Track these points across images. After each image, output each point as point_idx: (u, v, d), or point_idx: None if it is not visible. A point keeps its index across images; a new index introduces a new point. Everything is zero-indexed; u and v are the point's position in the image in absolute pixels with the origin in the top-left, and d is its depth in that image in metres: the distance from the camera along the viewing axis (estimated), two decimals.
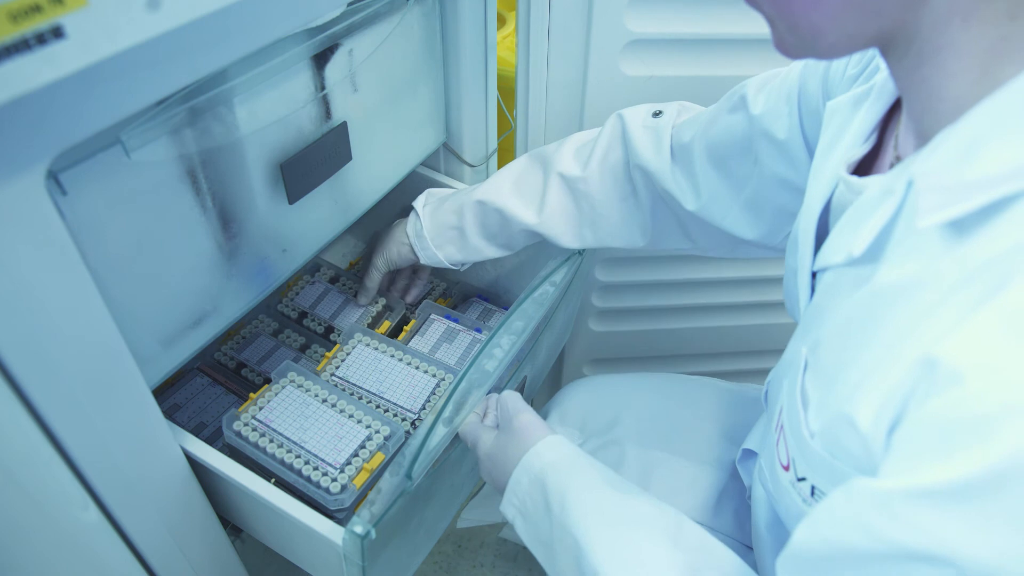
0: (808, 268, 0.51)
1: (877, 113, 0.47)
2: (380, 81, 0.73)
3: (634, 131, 0.72)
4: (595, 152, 0.74)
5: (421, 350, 0.82)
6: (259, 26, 0.47)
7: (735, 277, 1.07)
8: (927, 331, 0.32)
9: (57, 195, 0.43)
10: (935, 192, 0.33)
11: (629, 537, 0.51)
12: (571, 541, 0.52)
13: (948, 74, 0.35)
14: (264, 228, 0.64)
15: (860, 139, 0.48)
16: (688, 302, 1.11)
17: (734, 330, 1.15)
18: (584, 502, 0.53)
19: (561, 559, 0.53)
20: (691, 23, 0.80)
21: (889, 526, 0.31)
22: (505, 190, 0.77)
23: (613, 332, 1.16)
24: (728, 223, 0.69)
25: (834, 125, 0.52)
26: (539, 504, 0.56)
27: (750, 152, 0.65)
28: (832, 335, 0.43)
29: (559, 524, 0.53)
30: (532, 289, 0.74)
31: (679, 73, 0.82)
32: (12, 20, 0.30)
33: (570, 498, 0.54)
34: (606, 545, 0.50)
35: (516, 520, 0.59)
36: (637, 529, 0.51)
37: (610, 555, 0.50)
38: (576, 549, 0.51)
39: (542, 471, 0.57)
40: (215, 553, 0.66)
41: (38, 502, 0.46)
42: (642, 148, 0.71)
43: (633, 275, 1.07)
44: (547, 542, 0.55)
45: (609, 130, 0.74)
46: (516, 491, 0.58)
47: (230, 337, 0.86)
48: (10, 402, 0.41)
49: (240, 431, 0.64)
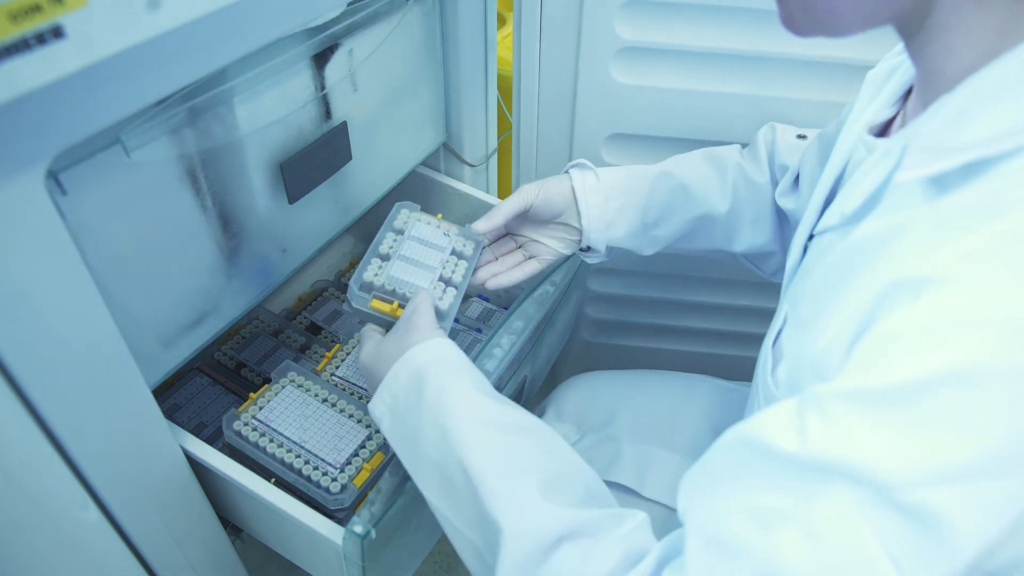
0: (808, 230, 0.52)
1: (905, 82, 0.49)
2: (380, 81, 0.73)
3: (782, 145, 0.73)
4: (763, 163, 0.74)
5: None
6: (259, 26, 0.47)
7: (727, 304, 1.06)
8: (896, 264, 0.33)
9: (57, 195, 0.43)
10: (921, 153, 0.35)
11: (501, 435, 0.49)
12: (439, 433, 0.49)
13: (952, 51, 0.36)
14: (264, 228, 0.64)
15: (889, 103, 0.49)
16: (680, 323, 1.11)
17: (724, 358, 1.15)
18: (461, 399, 0.51)
19: (425, 452, 0.50)
20: (682, 34, 0.79)
21: (819, 429, 0.31)
22: (690, 168, 0.73)
23: (606, 344, 1.16)
24: None
25: (868, 93, 0.53)
26: (412, 397, 0.53)
27: None
28: (811, 291, 0.43)
29: (430, 416, 0.50)
30: (532, 289, 0.74)
31: (671, 85, 0.82)
32: (12, 20, 0.30)
33: (448, 395, 0.51)
34: (478, 439, 0.48)
35: (384, 418, 0.55)
36: (511, 431, 0.50)
37: (479, 448, 0.48)
38: (444, 441, 0.49)
39: (425, 366, 0.53)
40: (215, 553, 0.66)
41: (38, 502, 0.46)
42: (789, 161, 0.72)
43: (625, 289, 1.07)
44: (413, 436, 0.52)
45: (765, 142, 0.75)
46: (391, 386, 0.54)
47: (230, 337, 0.86)
48: (10, 402, 0.41)
49: (240, 431, 0.64)
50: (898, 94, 0.49)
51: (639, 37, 0.80)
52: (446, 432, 0.49)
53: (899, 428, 0.29)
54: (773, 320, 0.51)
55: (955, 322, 0.29)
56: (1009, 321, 0.28)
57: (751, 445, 0.35)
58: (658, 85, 0.83)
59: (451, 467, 0.48)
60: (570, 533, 0.43)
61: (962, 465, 0.28)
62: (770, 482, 0.33)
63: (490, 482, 0.46)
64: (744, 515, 0.34)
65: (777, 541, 0.32)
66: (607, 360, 1.19)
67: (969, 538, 0.28)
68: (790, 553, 0.31)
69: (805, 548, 0.31)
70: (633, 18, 0.79)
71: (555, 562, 0.42)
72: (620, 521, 0.44)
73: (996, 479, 0.28)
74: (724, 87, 0.82)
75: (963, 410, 0.28)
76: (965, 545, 0.28)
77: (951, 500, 0.28)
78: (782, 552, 0.32)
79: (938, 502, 0.28)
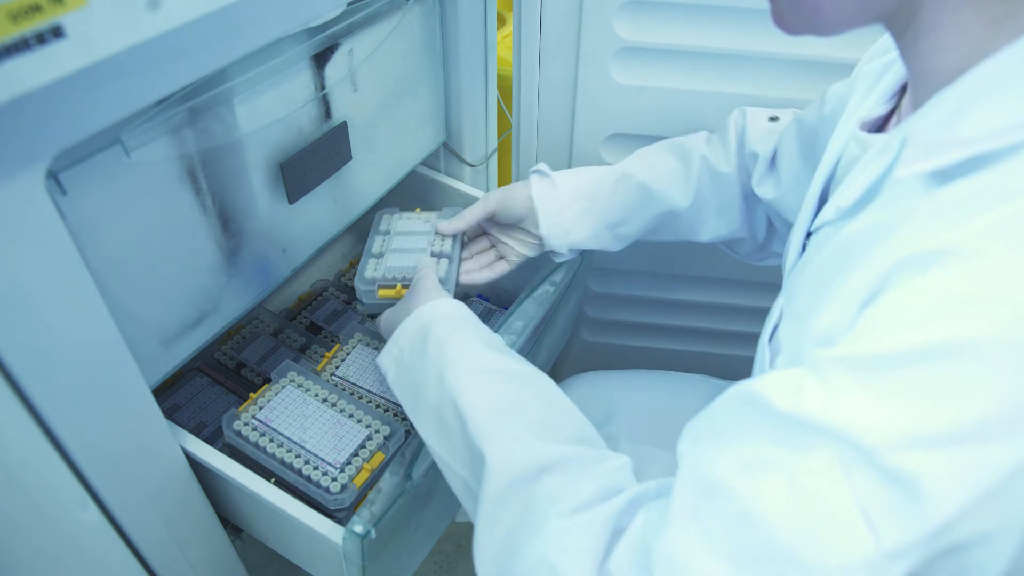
0: (805, 227, 0.52)
1: (899, 79, 0.49)
2: (380, 81, 0.73)
3: (752, 130, 0.74)
4: (732, 151, 0.75)
5: None
6: (259, 26, 0.47)
7: (727, 303, 1.06)
8: (901, 245, 0.33)
9: (57, 195, 0.43)
10: (921, 147, 0.35)
11: (497, 380, 0.52)
12: (437, 378, 0.52)
13: (942, 48, 0.36)
14: (264, 228, 0.64)
15: (880, 101, 0.49)
16: (682, 323, 1.11)
17: (724, 357, 1.15)
18: (461, 348, 0.54)
19: (425, 397, 0.54)
20: (682, 34, 0.80)
21: (814, 391, 0.32)
22: (651, 167, 0.74)
23: (606, 344, 1.16)
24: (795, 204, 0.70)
25: (862, 89, 0.54)
26: (416, 348, 0.57)
27: (820, 138, 0.67)
28: (807, 284, 0.44)
29: (431, 364, 0.54)
30: (532, 289, 0.74)
31: (670, 85, 0.83)
32: (12, 20, 0.30)
33: (449, 344, 0.54)
34: (472, 382, 0.51)
35: (389, 369, 0.59)
36: (507, 376, 0.52)
37: (473, 389, 0.50)
38: (440, 385, 0.52)
39: (431, 320, 0.58)
40: (215, 553, 0.66)
41: (38, 502, 0.46)
42: (759, 147, 0.72)
43: (625, 288, 1.07)
44: (415, 382, 0.55)
45: (735, 127, 0.75)
46: (399, 339, 0.59)
47: (230, 337, 0.86)
48: (10, 402, 0.41)
49: (240, 431, 0.64)
50: (892, 90, 0.49)
51: (638, 37, 0.80)
52: (443, 376, 0.52)
53: (888, 393, 0.30)
54: (769, 315, 0.51)
55: (963, 295, 0.29)
56: (1018, 298, 0.28)
57: (751, 400, 0.36)
58: (657, 85, 0.83)
59: (446, 408, 0.51)
60: (551, 466, 0.44)
61: (944, 431, 0.28)
62: (763, 435, 0.34)
63: (480, 419, 0.49)
64: (733, 461, 0.34)
65: (759, 488, 0.33)
66: (607, 360, 1.19)
67: (943, 503, 0.28)
68: (770, 500, 0.32)
69: (786, 497, 0.32)
70: (632, 18, 0.79)
71: (534, 490, 0.44)
72: (602, 459, 0.46)
73: (976, 447, 0.28)
74: (723, 87, 0.82)
75: (954, 379, 0.28)
76: (938, 509, 0.28)
77: (929, 464, 0.28)
78: (762, 498, 0.32)
79: (916, 466, 0.29)
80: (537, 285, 0.74)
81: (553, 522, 0.41)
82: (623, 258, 1.00)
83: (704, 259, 0.98)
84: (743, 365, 0.66)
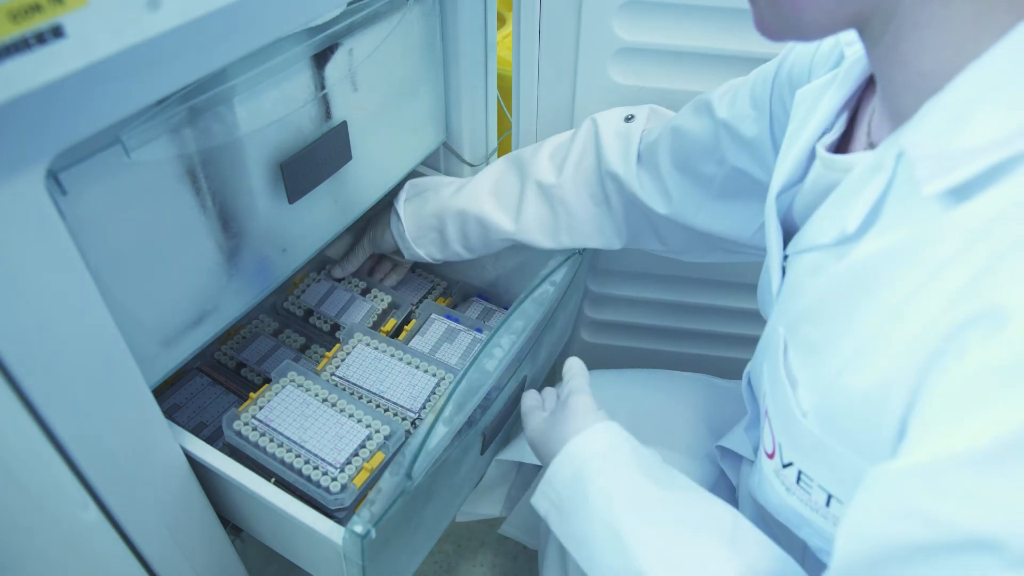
0: (778, 252, 0.51)
1: (843, 96, 0.48)
2: (380, 81, 0.73)
3: (606, 137, 0.74)
4: (569, 157, 0.76)
5: (421, 350, 0.82)
6: (259, 26, 0.47)
7: (725, 306, 1.06)
8: (941, 290, 0.31)
9: (57, 195, 0.43)
10: (931, 160, 0.33)
11: (680, 535, 0.47)
12: (613, 540, 0.48)
13: (927, 49, 0.35)
14: (264, 228, 0.64)
15: (826, 121, 0.48)
16: (678, 325, 1.10)
17: (722, 360, 1.15)
18: (630, 498, 0.50)
19: (600, 558, 0.49)
20: (681, 34, 0.79)
21: (941, 504, 0.28)
22: (483, 198, 0.79)
23: (605, 345, 1.16)
24: (700, 220, 0.71)
25: (801, 112, 0.53)
26: (577, 497, 0.52)
27: (715, 153, 0.67)
28: (812, 311, 0.42)
29: (600, 520, 0.50)
30: (532, 289, 0.74)
31: (669, 86, 0.83)
32: (12, 19, 0.30)
33: (617, 497, 0.50)
34: (654, 543, 0.47)
35: (550, 514, 0.55)
36: (688, 528, 0.48)
37: (659, 554, 0.46)
38: (620, 551, 0.47)
39: (586, 462, 0.53)
40: (215, 553, 0.66)
41: (38, 502, 0.46)
42: (612, 155, 0.73)
43: (624, 290, 1.06)
44: (583, 538, 0.51)
45: (583, 135, 0.76)
46: (553, 483, 0.55)
47: (230, 337, 0.86)
48: (10, 402, 0.41)
49: (240, 431, 0.64)
50: (836, 108, 0.48)
51: (638, 38, 0.80)
52: (622, 541, 0.47)
53: None
54: (764, 341, 0.50)
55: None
56: None
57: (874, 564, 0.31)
58: (656, 86, 0.83)
59: None
60: None
61: None
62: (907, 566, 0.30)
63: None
64: None
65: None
66: (606, 361, 1.18)
67: None
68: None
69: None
70: (632, 19, 0.79)
71: None
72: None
73: None
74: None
75: None
76: None
77: None
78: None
79: None
80: (537, 285, 0.74)
81: None
82: (623, 260, 1.00)
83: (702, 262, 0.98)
84: (742, 367, 0.65)
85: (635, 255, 0.98)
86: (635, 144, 0.72)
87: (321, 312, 0.89)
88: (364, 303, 0.89)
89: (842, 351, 0.38)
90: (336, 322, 0.88)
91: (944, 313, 0.31)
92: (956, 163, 0.32)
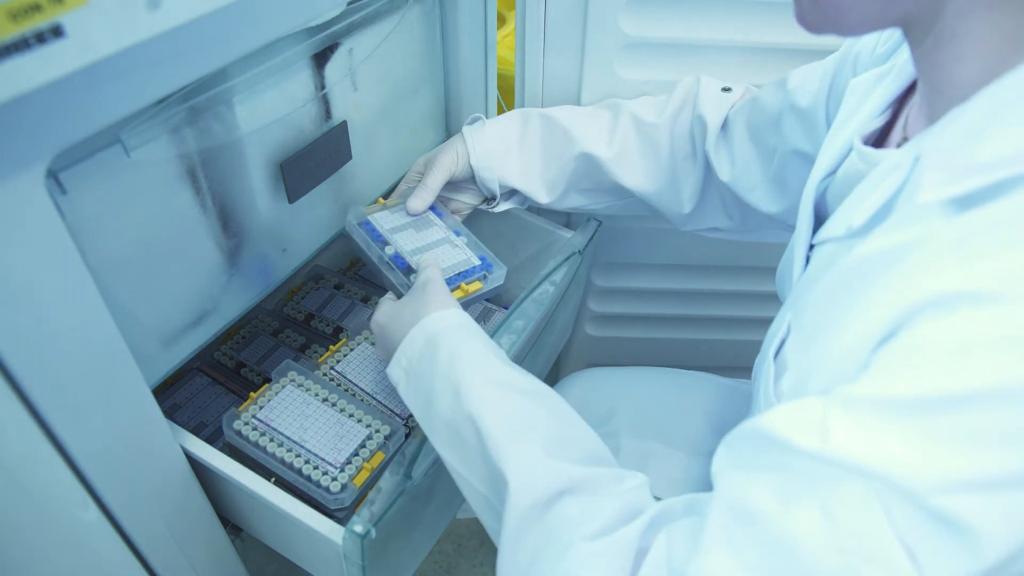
0: (806, 240, 0.52)
1: (894, 91, 0.48)
2: (380, 80, 0.73)
3: (704, 96, 0.75)
4: (669, 106, 0.76)
5: None
6: (259, 25, 0.47)
7: (732, 290, 1.07)
8: (923, 277, 0.33)
9: (57, 194, 0.43)
10: (940, 169, 0.34)
11: (510, 396, 0.51)
12: (452, 393, 0.52)
13: (962, 60, 0.36)
14: (264, 227, 0.64)
15: (875, 113, 0.49)
16: (684, 312, 1.11)
17: (730, 344, 1.15)
18: (473, 361, 0.53)
19: (439, 411, 0.53)
20: (687, 28, 0.80)
21: (845, 432, 0.32)
22: (574, 114, 0.77)
23: (610, 338, 1.16)
24: (755, 197, 0.71)
25: (853, 100, 0.53)
26: (426, 360, 0.56)
27: (779, 125, 0.68)
28: (816, 302, 0.43)
29: (443, 377, 0.53)
30: (532, 289, 0.74)
31: (675, 79, 0.83)
32: (12, 19, 0.30)
33: (460, 357, 0.54)
34: (488, 397, 0.51)
35: (400, 381, 0.58)
36: (520, 392, 0.52)
37: (489, 404, 0.50)
38: (456, 400, 0.51)
39: (439, 332, 0.56)
40: (215, 553, 0.66)
41: (38, 502, 0.46)
42: (707, 112, 0.73)
43: (629, 281, 1.07)
44: (427, 396, 0.54)
45: (684, 89, 0.76)
46: (407, 350, 0.57)
47: (230, 337, 0.86)
48: (10, 402, 0.41)
49: (240, 430, 0.64)
50: (887, 101, 0.49)
51: (644, 32, 0.80)
52: (458, 391, 0.51)
53: (931, 438, 0.30)
54: (773, 328, 0.51)
55: (999, 340, 0.28)
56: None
57: (770, 441, 0.35)
58: (663, 79, 0.83)
59: (462, 424, 0.51)
60: (571, 488, 0.45)
61: (995, 477, 0.28)
62: (792, 471, 0.34)
63: (498, 438, 0.48)
64: (766, 490, 0.34)
65: (795, 514, 0.33)
66: (610, 354, 1.19)
67: (994, 545, 0.28)
68: (807, 528, 0.32)
69: (821, 525, 0.32)
70: (638, 13, 0.79)
71: (556, 513, 0.44)
72: (620, 479, 0.46)
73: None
74: (730, 80, 0.82)
75: (1003, 425, 0.28)
76: (988, 551, 0.28)
77: (979, 509, 0.28)
78: (799, 526, 0.32)
79: (965, 510, 0.29)
80: (537, 285, 0.74)
81: (578, 546, 0.41)
82: (626, 251, 1.01)
83: (704, 247, 0.98)
84: (745, 352, 0.66)
85: (635, 244, 0.99)
86: (725, 109, 0.73)
87: (323, 316, 0.89)
88: (365, 309, 0.89)
89: (827, 338, 0.39)
90: (339, 325, 0.88)
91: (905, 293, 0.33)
92: (961, 175, 0.33)
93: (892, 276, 0.35)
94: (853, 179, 0.47)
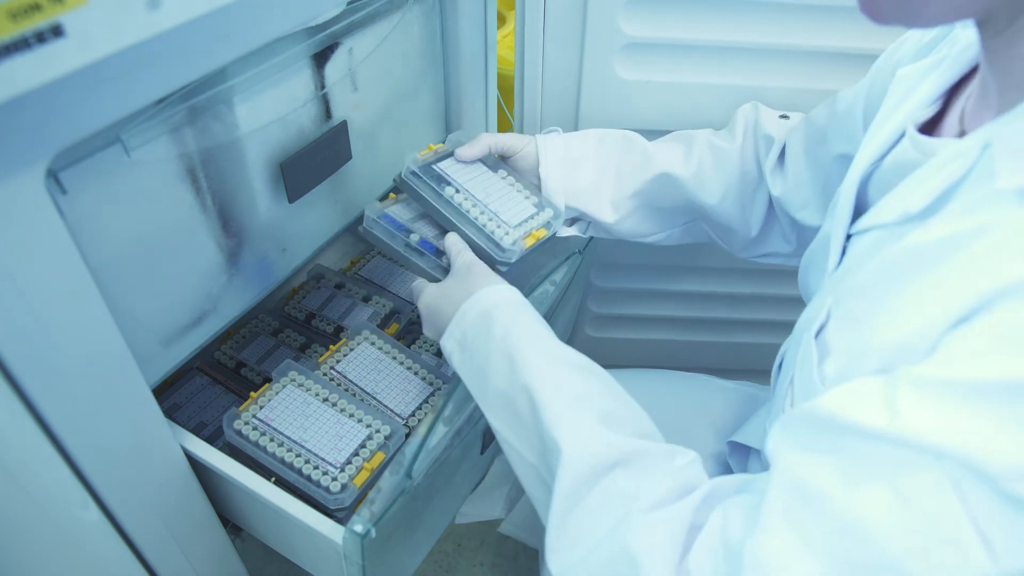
0: (844, 229, 0.51)
1: (948, 80, 0.48)
2: (380, 80, 0.73)
3: (765, 118, 0.75)
4: (735, 132, 0.76)
5: (424, 356, 0.82)
6: (259, 25, 0.47)
7: (732, 292, 1.07)
8: (1000, 264, 0.32)
9: (57, 194, 0.43)
10: (1015, 155, 0.34)
11: (565, 369, 0.52)
12: (507, 364, 0.53)
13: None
14: (264, 227, 0.64)
15: (926, 102, 0.48)
16: (684, 314, 1.11)
17: (731, 345, 1.15)
18: (528, 335, 0.54)
19: (493, 382, 0.54)
20: (686, 28, 0.80)
21: (917, 411, 0.31)
22: (647, 140, 0.78)
23: (609, 339, 1.16)
24: (806, 214, 0.71)
25: (900, 90, 0.53)
26: (480, 333, 0.56)
27: (826, 135, 0.68)
28: (862, 286, 0.42)
29: (498, 349, 0.54)
30: (532, 288, 0.74)
31: (675, 79, 0.83)
32: (12, 19, 0.30)
33: (515, 331, 0.54)
34: (543, 370, 0.51)
35: (454, 353, 0.59)
36: (574, 367, 0.53)
37: (544, 377, 0.51)
38: (511, 371, 0.52)
39: (493, 306, 0.57)
40: (215, 552, 0.66)
41: (38, 502, 0.46)
42: (771, 131, 0.74)
43: (629, 282, 1.07)
44: (481, 367, 0.55)
45: (744, 115, 0.77)
46: (460, 322, 0.58)
47: (230, 336, 0.86)
48: (10, 402, 0.41)
49: (241, 430, 0.64)
50: (940, 91, 0.48)
51: (643, 33, 0.80)
52: (513, 362, 0.52)
53: (1010, 422, 0.29)
54: (809, 313, 0.50)
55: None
56: None
57: (831, 420, 0.35)
58: (663, 80, 0.83)
59: (517, 394, 0.51)
60: (625, 460, 0.45)
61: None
62: (856, 451, 0.33)
63: (554, 407, 0.49)
64: (830, 470, 0.34)
65: (861, 495, 0.32)
66: (610, 355, 1.19)
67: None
68: (875, 509, 0.32)
69: (891, 507, 0.31)
70: (637, 13, 0.79)
71: (608, 484, 0.44)
72: (672, 455, 0.46)
73: None
74: (729, 81, 0.82)
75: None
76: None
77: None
78: (866, 507, 0.32)
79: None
80: (537, 285, 0.74)
81: (635, 517, 0.41)
82: (625, 251, 1.01)
83: (704, 249, 0.98)
84: (745, 353, 0.66)
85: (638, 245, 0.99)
86: (785, 131, 0.74)
87: (323, 316, 0.89)
88: (365, 308, 0.89)
89: (887, 328, 0.38)
90: (339, 324, 0.88)
91: (979, 281, 0.32)
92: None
93: (963, 260, 0.35)
94: (904, 167, 0.46)
